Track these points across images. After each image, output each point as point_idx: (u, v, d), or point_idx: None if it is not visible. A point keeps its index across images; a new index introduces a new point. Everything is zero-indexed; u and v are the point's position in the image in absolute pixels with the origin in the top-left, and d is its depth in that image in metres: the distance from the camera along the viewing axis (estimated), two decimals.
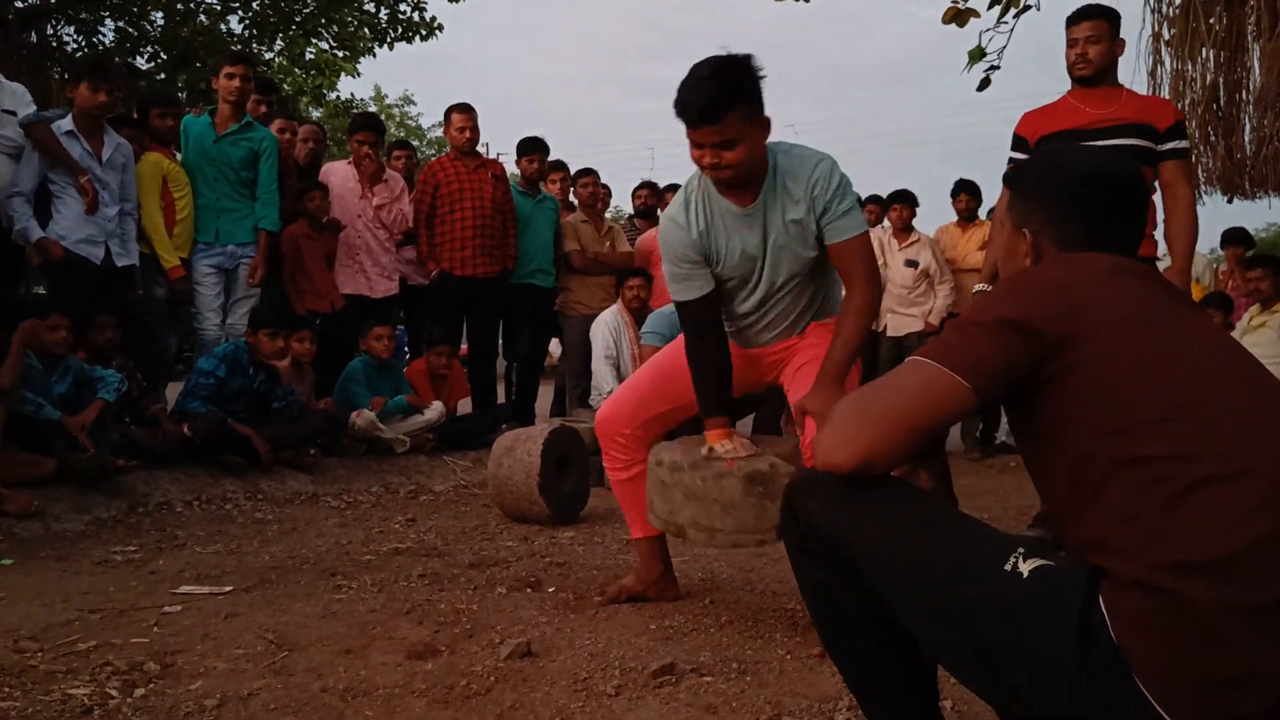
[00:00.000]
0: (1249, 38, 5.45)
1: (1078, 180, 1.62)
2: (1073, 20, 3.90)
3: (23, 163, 4.84)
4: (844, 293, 2.73)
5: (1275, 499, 1.21)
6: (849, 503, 1.43)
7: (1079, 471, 1.34)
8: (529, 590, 3.20)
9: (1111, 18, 3.92)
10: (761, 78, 2.47)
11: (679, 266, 2.70)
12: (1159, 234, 3.88)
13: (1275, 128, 5.23)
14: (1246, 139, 5.44)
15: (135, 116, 5.62)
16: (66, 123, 4.95)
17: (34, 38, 11.71)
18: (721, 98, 2.37)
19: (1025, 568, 1.29)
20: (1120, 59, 3.95)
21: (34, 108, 4.98)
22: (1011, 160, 4.06)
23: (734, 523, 2.58)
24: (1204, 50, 5.66)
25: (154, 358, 5.26)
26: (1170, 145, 3.81)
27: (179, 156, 5.57)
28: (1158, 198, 3.86)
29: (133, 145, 5.22)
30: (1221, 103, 5.51)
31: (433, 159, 6.91)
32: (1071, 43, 3.88)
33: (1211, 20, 5.58)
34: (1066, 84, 3.92)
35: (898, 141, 65.55)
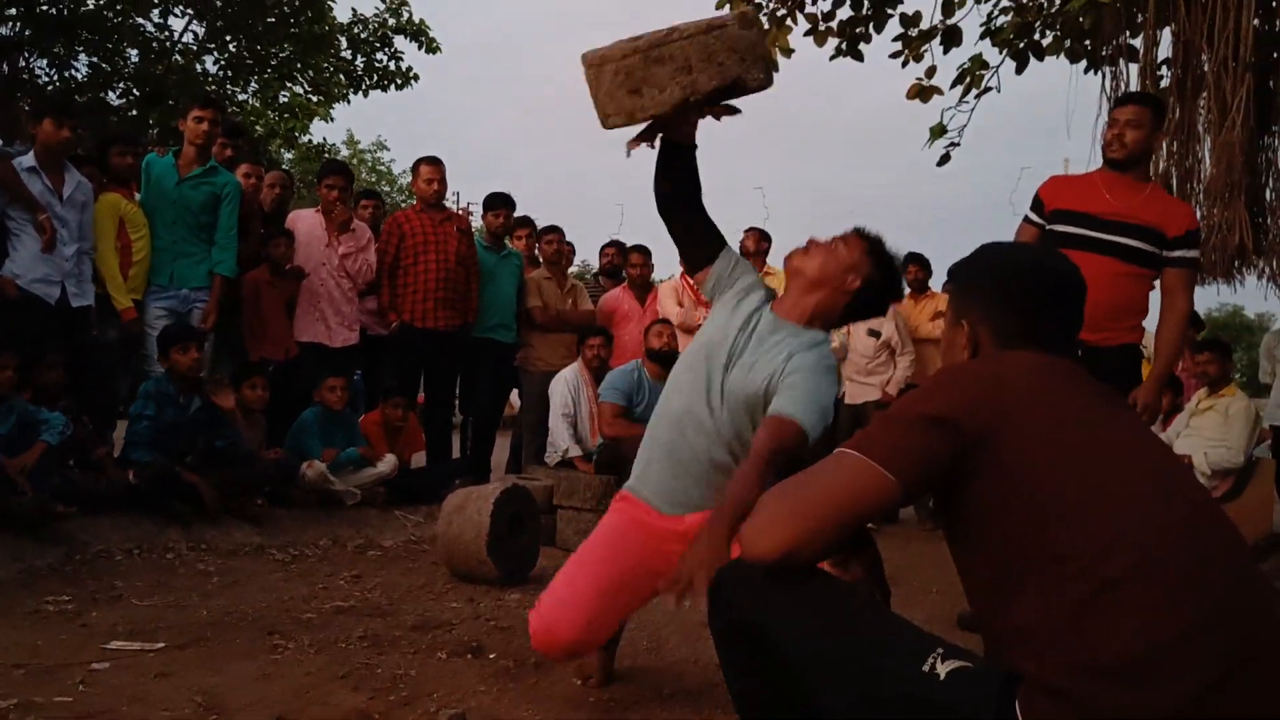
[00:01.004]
0: (1200, 129, 5.60)
1: (1013, 276, 1.67)
2: (1119, 102, 3.92)
3: None
4: None
5: (1179, 602, 1.23)
6: (774, 594, 1.45)
7: (999, 567, 1.37)
8: (470, 655, 3.15)
9: (1157, 109, 3.93)
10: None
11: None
12: (1148, 323, 3.92)
13: (1224, 217, 5.34)
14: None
15: (95, 155, 5.57)
16: (28, 159, 4.91)
17: (5, 69, 11.67)
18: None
19: (943, 669, 1.30)
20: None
21: None
22: (1026, 219, 4.03)
23: None
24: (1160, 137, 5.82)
25: (103, 400, 5.18)
26: (1178, 253, 3.75)
27: (138, 196, 5.53)
28: (1155, 295, 3.88)
29: (92, 185, 5.18)
30: (1174, 191, 5.64)
31: (399, 209, 6.92)
32: (1112, 123, 3.85)
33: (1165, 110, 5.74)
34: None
35: (864, 208, 66.56)
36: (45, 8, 11.75)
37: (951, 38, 6.55)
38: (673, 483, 2.49)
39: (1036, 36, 6.58)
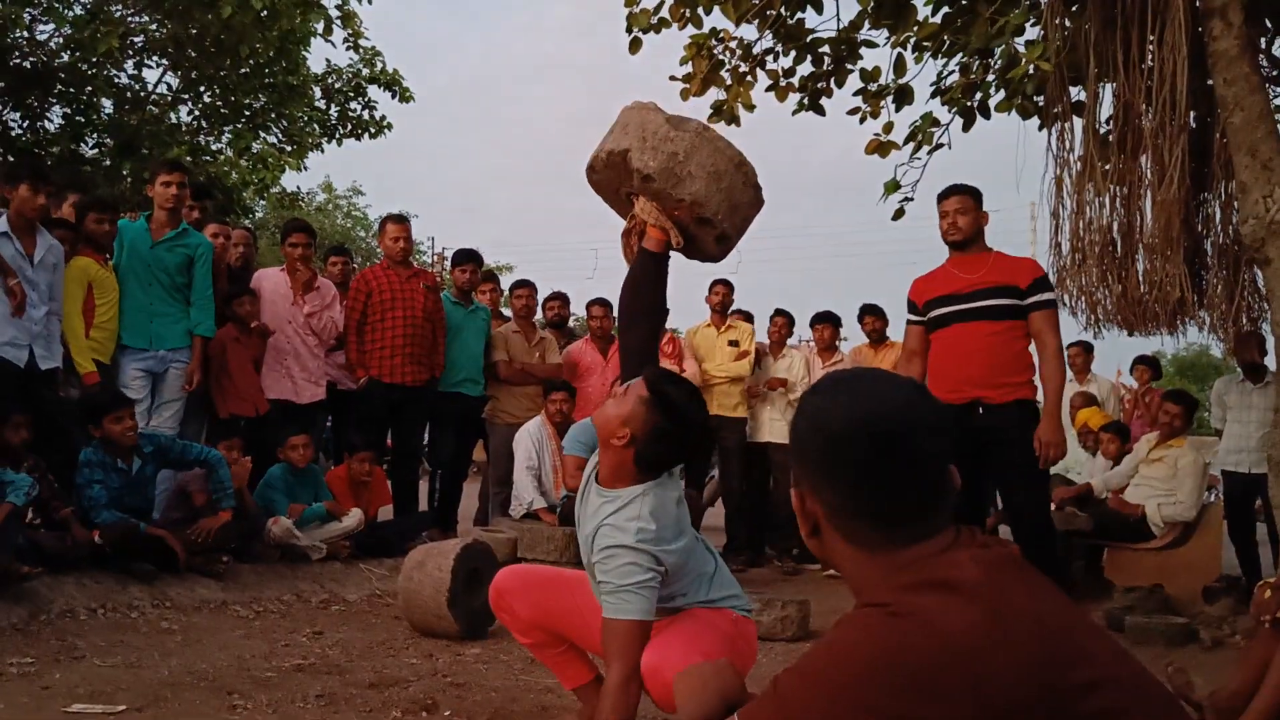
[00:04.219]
0: (1142, 187, 5.79)
1: (837, 436, 1.29)
2: (942, 196, 4.51)
3: None
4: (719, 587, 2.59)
5: None
6: None
7: None
8: (424, 713, 3.23)
9: (974, 194, 4.54)
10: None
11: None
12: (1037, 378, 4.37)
13: (1165, 272, 5.53)
14: (1140, 280, 5.74)
15: (72, 220, 5.64)
16: (1, 223, 4.98)
17: None
18: None
19: None
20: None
21: None
22: (908, 321, 4.59)
23: None
24: (1104, 193, 6.01)
25: (67, 459, 5.21)
26: (1034, 299, 4.33)
27: (110, 261, 5.61)
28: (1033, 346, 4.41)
29: (65, 247, 5.26)
30: (1118, 245, 5.83)
31: (366, 267, 7.04)
32: (943, 214, 4.44)
33: (1108, 165, 5.93)
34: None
35: (839, 249, 67.31)
36: (19, 60, 11.85)
37: (903, 96, 6.76)
38: None
39: (988, 93, 6.80)
